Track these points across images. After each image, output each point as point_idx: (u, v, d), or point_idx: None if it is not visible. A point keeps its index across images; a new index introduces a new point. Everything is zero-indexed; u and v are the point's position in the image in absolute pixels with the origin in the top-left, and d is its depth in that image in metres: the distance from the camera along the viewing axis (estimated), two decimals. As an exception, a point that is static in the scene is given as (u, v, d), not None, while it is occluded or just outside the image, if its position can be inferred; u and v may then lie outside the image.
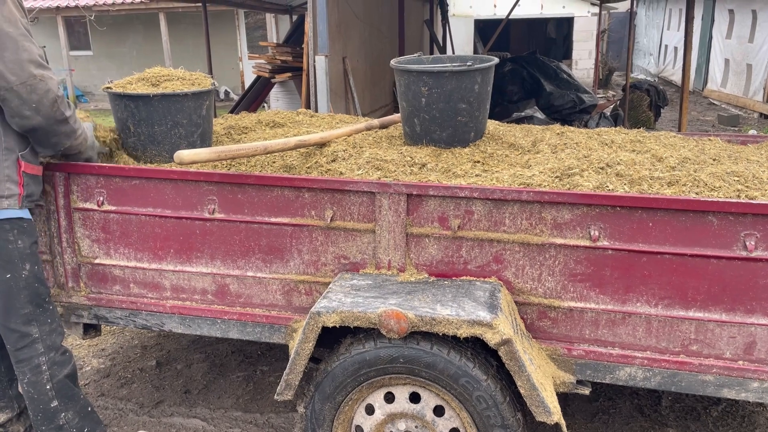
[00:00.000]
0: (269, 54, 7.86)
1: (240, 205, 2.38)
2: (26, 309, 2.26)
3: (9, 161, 2.19)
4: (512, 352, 1.97)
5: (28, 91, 2.10)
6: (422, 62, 2.88)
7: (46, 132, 2.21)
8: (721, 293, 2.05)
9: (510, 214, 2.16)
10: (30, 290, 2.26)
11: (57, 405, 2.33)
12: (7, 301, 2.23)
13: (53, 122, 2.19)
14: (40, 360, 2.29)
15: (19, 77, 2.08)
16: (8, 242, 2.20)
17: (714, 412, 2.94)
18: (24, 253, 2.24)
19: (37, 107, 2.13)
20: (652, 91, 10.31)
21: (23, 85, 2.09)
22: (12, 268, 2.21)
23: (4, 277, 2.21)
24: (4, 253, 2.19)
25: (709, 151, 2.73)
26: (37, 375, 2.29)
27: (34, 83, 2.10)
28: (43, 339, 2.30)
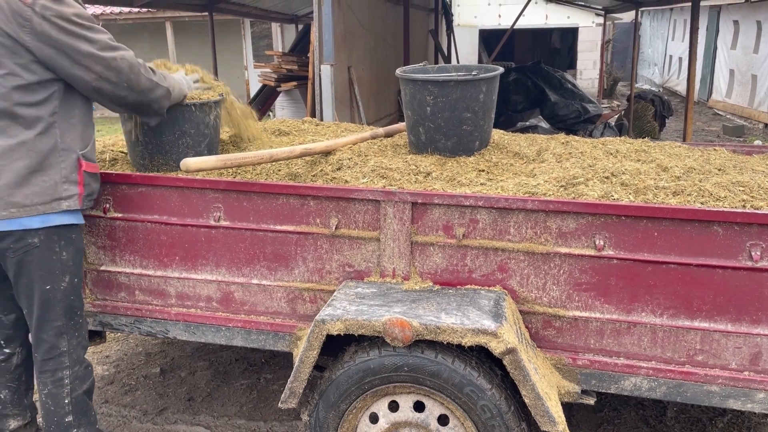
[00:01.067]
0: (275, 63, 7.91)
1: (245, 212, 2.39)
2: (59, 321, 2.26)
3: (67, 161, 2.18)
4: (517, 362, 1.97)
5: (115, 74, 2.18)
6: (427, 71, 2.90)
7: (145, 103, 2.32)
8: (727, 303, 2.05)
9: (515, 223, 2.16)
10: (66, 303, 2.27)
11: (71, 420, 2.33)
12: (43, 311, 2.24)
13: (147, 91, 2.29)
14: (64, 373, 2.30)
15: (103, 65, 2.15)
16: (53, 253, 2.20)
17: (720, 423, 2.92)
18: (66, 265, 2.25)
19: (129, 85, 2.22)
20: (657, 101, 10.31)
21: (110, 71, 2.16)
22: (52, 279, 2.22)
23: (44, 288, 2.21)
24: (47, 264, 2.20)
25: (714, 161, 2.73)
26: (59, 388, 2.30)
27: (117, 65, 2.17)
28: (70, 353, 2.31)
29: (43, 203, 2.14)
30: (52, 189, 2.15)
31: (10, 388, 2.44)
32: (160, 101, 2.37)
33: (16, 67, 2.07)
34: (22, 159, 2.10)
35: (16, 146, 2.09)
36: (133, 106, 2.32)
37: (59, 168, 2.17)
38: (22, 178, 2.10)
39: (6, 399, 2.44)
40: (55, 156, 2.16)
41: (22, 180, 2.10)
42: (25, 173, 2.11)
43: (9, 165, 2.09)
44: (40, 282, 2.20)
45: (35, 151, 2.12)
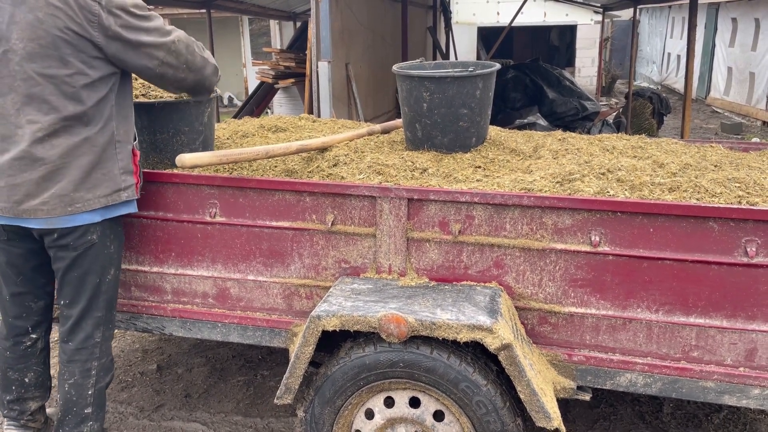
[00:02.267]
0: (273, 60, 7.90)
1: (241, 208, 2.38)
2: (101, 312, 2.32)
3: (124, 152, 2.23)
4: (512, 357, 1.97)
5: (175, 56, 2.25)
6: (424, 68, 2.89)
7: (200, 82, 2.41)
8: (722, 299, 2.05)
9: (511, 219, 2.16)
10: (108, 294, 2.33)
11: (90, 412, 2.35)
12: (89, 303, 2.29)
13: (202, 68, 2.37)
14: (93, 364, 2.33)
15: (165, 49, 2.21)
16: (105, 247, 2.26)
17: (715, 420, 2.93)
18: (113, 258, 2.31)
19: (188, 66, 2.30)
20: (655, 98, 10.31)
21: (171, 54, 2.23)
22: (102, 272, 2.28)
23: (94, 282, 2.27)
24: (101, 257, 2.26)
25: (710, 158, 2.73)
26: (85, 378, 2.33)
27: (176, 48, 2.24)
28: (101, 344, 2.35)
29: (105, 195, 2.19)
30: (112, 181, 2.20)
31: (36, 372, 2.48)
32: (210, 78, 2.45)
33: (82, 65, 2.09)
34: (85, 155, 2.14)
35: (80, 143, 2.13)
36: (191, 86, 2.41)
37: (116, 160, 2.21)
38: (86, 173, 2.15)
39: (30, 382, 2.47)
40: (112, 148, 2.20)
41: (86, 175, 2.15)
42: (89, 168, 2.15)
43: (74, 162, 2.13)
44: (93, 275, 2.26)
45: (96, 145, 2.16)
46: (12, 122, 2.09)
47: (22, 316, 2.40)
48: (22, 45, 2.03)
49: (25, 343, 2.43)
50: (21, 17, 2.02)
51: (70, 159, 2.12)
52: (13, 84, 2.06)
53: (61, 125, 2.09)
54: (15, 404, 2.48)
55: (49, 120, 2.08)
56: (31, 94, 2.06)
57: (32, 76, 2.05)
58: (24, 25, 2.02)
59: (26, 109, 2.07)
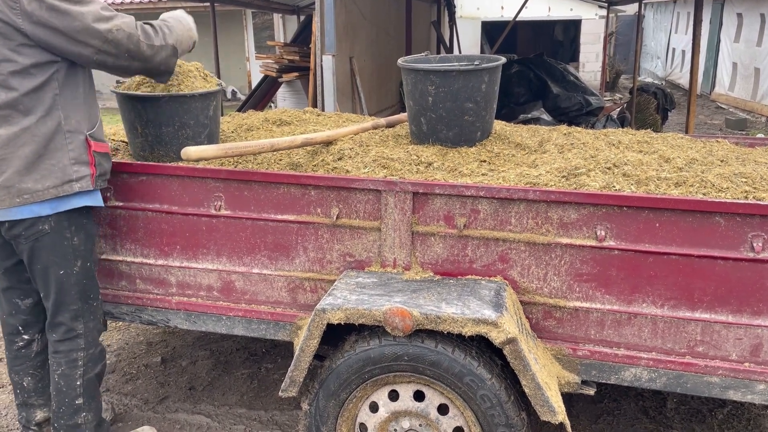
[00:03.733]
0: (277, 54, 7.88)
1: (246, 202, 2.38)
2: (76, 305, 2.30)
3: (75, 143, 2.16)
4: (517, 351, 1.97)
5: (114, 46, 2.13)
6: (429, 61, 2.88)
7: (152, 68, 2.30)
8: (728, 294, 2.04)
9: (516, 214, 2.15)
10: (80, 287, 2.30)
11: (81, 403, 2.35)
12: (58, 296, 2.27)
13: (150, 57, 2.24)
14: (79, 354, 2.33)
15: (100, 38, 2.09)
16: (64, 239, 2.22)
17: (719, 415, 2.93)
18: (78, 249, 2.27)
19: (130, 55, 2.18)
20: (660, 94, 10.27)
21: (107, 44, 2.11)
22: (65, 264, 2.24)
23: (58, 273, 2.24)
24: (59, 249, 2.22)
25: (716, 153, 2.72)
26: (72, 369, 2.33)
27: (113, 37, 2.11)
28: (86, 335, 2.34)
29: (55, 186, 2.13)
30: (62, 171, 2.14)
31: (33, 376, 2.47)
32: (166, 61, 2.33)
33: (8, 52, 2.03)
34: (27, 145, 2.09)
35: (19, 133, 2.08)
36: (138, 71, 2.32)
37: (66, 150, 2.14)
38: (30, 163, 2.10)
39: (29, 387, 2.46)
40: (60, 138, 2.13)
41: (31, 165, 2.10)
42: (33, 158, 2.10)
43: (15, 152, 2.08)
44: (54, 267, 2.23)
45: (38, 135, 2.10)
46: None
47: (11, 313, 2.40)
48: None
49: (18, 343, 2.43)
50: None
51: (11, 149, 2.08)
52: None
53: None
54: (22, 410, 2.50)
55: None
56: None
57: None
58: None
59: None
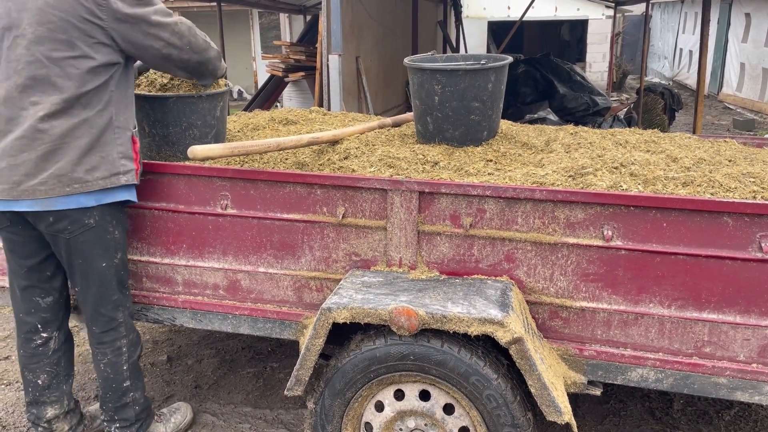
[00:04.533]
0: (283, 53, 7.90)
1: (252, 201, 2.39)
2: (116, 295, 2.38)
3: (123, 138, 2.27)
4: (523, 351, 1.97)
5: (179, 37, 2.29)
6: (436, 61, 2.88)
7: (204, 63, 2.44)
8: (736, 295, 2.03)
9: (522, 213, 2.15)
10: (119, 277, 2.39)
11: (129, 385, 2.46)
12: (101, 288, 2.34)
13: (204, 51, 2.41)
14: (122, 342, 2.42)
15: (169, 31, 2.26)
16: (107, 232, 2.30)
17: (726, 416, 2.91)
18: (118, 242, 2.35)
19: (191, 47, 2.34)
20: (667, 94, 10.23)
21: (174, 36, 2.28)
22: (107, 257, 2.33)
23: (101, 266, 2.32)
24: (102, 242, 2.30)
25: (724, 153, 2.71)
26: (118, 356, 2.42)
27: (179, 29, 2.29)
28: (126, 322, 2.43)
29: (103, 177, 2.22)
30: (111, 164, 2.23)
31: (49, 374, 2.49)
32: (213, 62, 2.48)
33: (88, 49, 2.15)
34: (83, 137, 2.18)
35: (78, 124, 2.17)
36: (194, 67, 2.43)
37: (115, 144, 2.24)
38: (83, 153, 2.18)
39: (44, 384, 2.49)
40: (111, 132, 2.23)
41: (84, 155, 2.18)
42: (87, 149, 2.19)
43: (72, 143, 2.16)
44: (97, 260, 2.31)
45: (94, 127, 2.19)
46: (17, 104, 2.14)
47: (30, 311, 2.42)
48: (31, 30, 2.09)
49: (36, 341, 2.45)
50: (32, 4, 2.09)
51: (68, 139, 2.15)
52: (17, 68, 2.12)
53: (62, 106, 2.14)
54: (33, 407, 2.51)
55: (52, 100, 2.12)
56: (36, 76, 2.12)
57: (39, 58, 2.10)
58: (35, 11, 2.09)
59: (29, 91, 2.13)
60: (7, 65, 2.13)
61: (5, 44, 2.13)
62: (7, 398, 3.12)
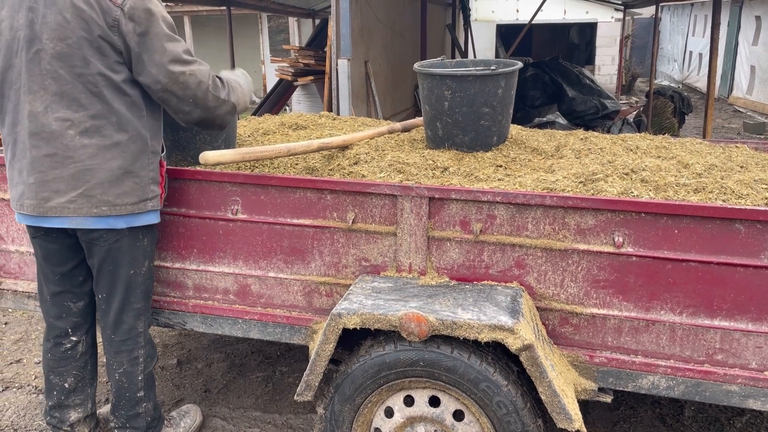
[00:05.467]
0: (292, 57, 7.92)
1: (263, 206, 2.40)
2: (140, 304, 2.39)
3: (154, 164, 2.26)
4: (533, 358, 1.96)
5: (182, 88, 2.17)
6: (445, 66, 2.88)
7: (209, 119, 2.31)
8: (748, 302, 2.02)
9: (533, 219, 2.15)
10: (145, 286, 2.39)
11: (142, 395, 2.46)
12: (126, 295, 2.35)
13: (213, 109, 2.27)
14: (139, 352, 2.42)
15: (170, 78, 2.14)
16: (138, 240, 2.31)
17: (738, 423, 2.89)
18: (147, 251, 2.36)
19: (194, 101, 2.21)
20: (677, 97, 10.18)
21: (176, 84, 2.15)
22: (136, 265, 2.33)
23: (129, 273, 2.32)
24: (133, 250, 2.30)
25: (736, 159, 2.69)
26: (134, 366, 2.42)
27: (185, 80, 2.16)
28: (145, 333, 2.44)
29: (133, 203, 2.22)
30: (141, 190, 2.23)
31: (76, 377, 2.51)
32: (224, 117, 2.36)
33: (103, 67, 2.12)
34: (116, 159, 2.17)
35: (110, 146, 2.16)
36: (195, 121, 2.30)
37: (148, 170, 2.24)
38: (116, 178, 2.17)
39: (70, 388, 2.50)
40: (145, 157, 2.23)
41: (116, 180, 2.18)
42: (119, 173, 2.18)
43: (103, 164, 2.16)
44: (126, 267, 2.31)
45: (128, 152, 2.19)
46: (41, 120, 2.13)
47: (61, 316, 2.44)
48: (52, 45, 2.08)
49: (65, 345, 2.47)
50: (51, 18, 2.08)
51: (99, 161, 2.15)
52: (44, 82, 2.11)
53: (91, 124, 2.13)
54: (56, 411, 2.52)
55: (80, 118, 2.12)
56: (63, 92, 2.11)
57: (63, 75, 2.09)
58: (54, 26, 2.08)
59: (55, 106, 2.11)
60: (29, 79, 2.11)
61: (26, 56, 2.11)
62: (19, 401, 3.15)
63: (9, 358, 3.58)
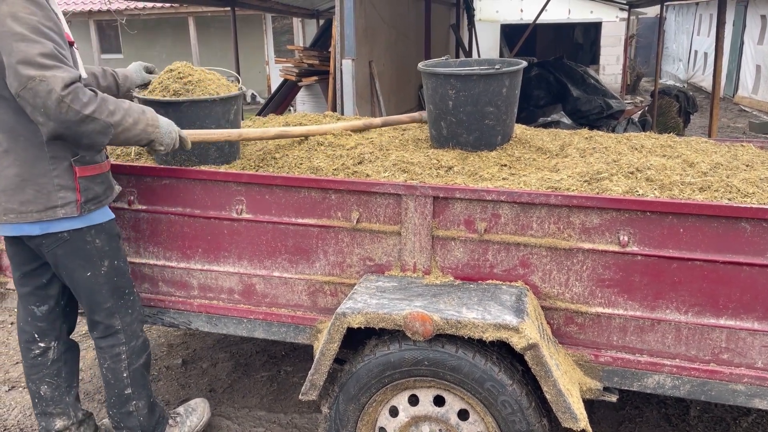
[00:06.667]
0: (296, 58, 7.92)
1: (267, 205, 2.40)
2: (108, 303, 2.33)
3: (59, 170, 2.12)
4: (538, 357, 1.96)
5: (32, 95, 1.89)
6: (450, 65, 2.88)
7: (70, 136, 1.99)
8: (754, 301, 2.01)
9: (537, 218, 2.14)
10: (110, 285, 2.32)
11: (130, 393, 2.42)
12: (90, 296, 2.31)
13: (70, 123, 1.94)
14: (121, 349, 2.38)
15: (19, 82, 1.89)
16: (86, 243, 2.23)
17: (744, 423, 2.88)
18: (102, 250, 2.28)
19: (46, 111, 1.91)
20: (681, 97, 10.15)
21: (25, 90, 1.89)
22: (91, 266, 2.26)
23: (85, 276, 2.27)
24: (82, 253, 2.24)
25: (741, 157, 2.68)
26: (117, 363, 2.39)
27: (34, 86, 1.88)
28: (125, 329, 2.38)
29: (38, 211, 2.12)
30: (45, 197, 2.12)
31: (50, 385, 2.48)
32: (91, 136, 2.01)
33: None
34: (11, 167, 2.09)
35: (2, 154, 2.10)
36: (52, 135, 1.98)
37: (51, 176, 2.11)
38: (15, 185, 2.10)
39: (47, 396, 2.48)
40: (44, 164, 2.10)
41: (16, 187, 2.10)
42: (17, 181, 2.10)
43: (1, 172, 2.11)
44: (80, 270, 2.26)
45: (21, 159, 2.09)
46: None
47: (27, 320, 2.43)
48: None
49: (34, 351, 2.45)
50: None
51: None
52: None
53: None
54: (41, 419, 2.51)
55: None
56: None
57: None
58: None
59: None
60: None
61: None
62: (26, 401, 3.16)
63: (15, 357, 3.59)
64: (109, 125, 2.03)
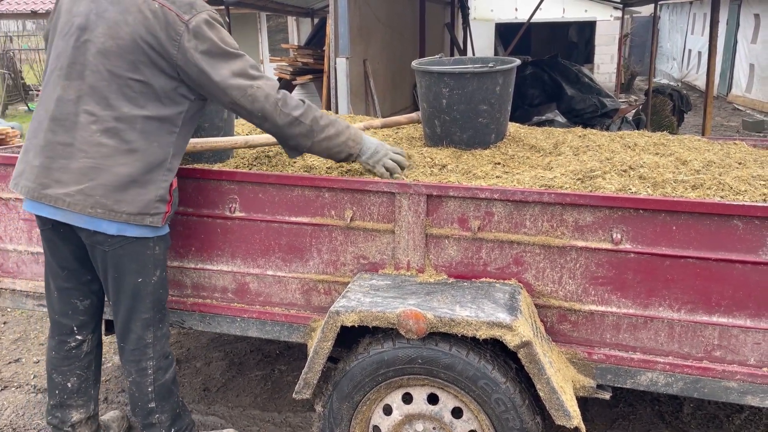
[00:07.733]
0: (291, 56, 7.92)
1: (261, 204, 2.39)
2: (148, 314, 2.29)
3: (167, 182, 2.20)
4: (532, 355, 1.96)
5: (250, 101, 2.16)
6: (443, 63, 2.88)
7: (281, 136, 2.28)
8: (746, 298, 2.02)
9: (531, 216, 2.14)
10: (155, 296, 2.30)
11: (154, 406, 2.38)
12: (133, 304, 2.27)
13: (284, 125, 2.22)
14: (148, 363, 2.33)
15: (238, 91, 2.14)
16: (147, 248, 2.22)
17: (737, 420, 2.89)
18: (158, 259, 2.27)
19: (263, 114, 2.19)
20: (675, 95, 10.19)
21: (244, 98, 2.15)
22: (144, 273, 2.24)
23: (135, 281, 2.23)
24: (141, 257, 2.22)
25: (734, 155, 2.69)
26: (142, 377, 2.34)
27: (251, 92, 2.15)
28: (155, 344, 2.34)
29: (129, 213, 2.12)
30: (143, 204, 2.14)
31: (79, 377, 2.47)
32: (297, 139, 2.27)
33: (151, 75, 2.09)
34: (126, 166, 2.10)
35: (126, 152, 2.10)
36: (270, 132, 2.31)
37: (158, 185, 2.17)
38: (120, 184, 2.10)
39: (73, 388, 2.47)
40: (160, 173, 2.17)
41: (120, 185, 2.10)
42: (126, 181, 2.10)
43: (112, 168, 2.09)
44: (133, 275, 2.22)
45: (144, 162, 2.12)
46: (68, 109, 2.10)
47: (67, 313, 2.39)
48: (102, 40, 2.07)
49: (70, 343, 2.43)
50: (111, 15, 2.07)
51: (111, 163, 2.09)
52: (83, 73, 2.09)
53: (114, 125, 2.08)
54: (57, 410, 2.49)
55: (105, 116, 2.08)
56: (95, 86, 2.08)
57: (101, 70, 2.08)
58: (111, 23, 2.07)
59: (87, 99, 2.09)
60: (70, 66, 2.10)
61: (73, 42, 2.10)
62: (18, 400, 3.15)
63: (8, 357, 3.58)
64: (312, 130, 2.27)
